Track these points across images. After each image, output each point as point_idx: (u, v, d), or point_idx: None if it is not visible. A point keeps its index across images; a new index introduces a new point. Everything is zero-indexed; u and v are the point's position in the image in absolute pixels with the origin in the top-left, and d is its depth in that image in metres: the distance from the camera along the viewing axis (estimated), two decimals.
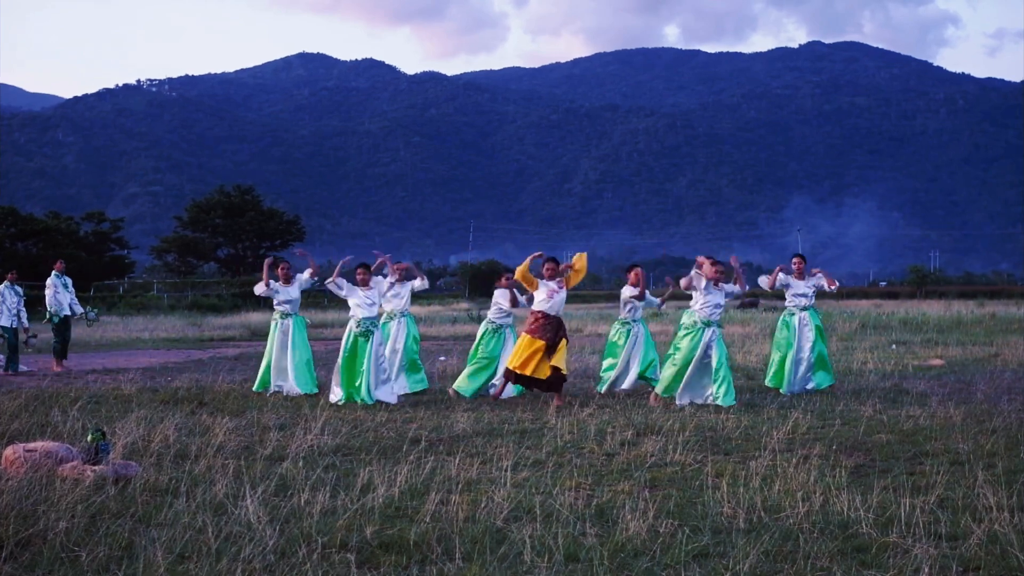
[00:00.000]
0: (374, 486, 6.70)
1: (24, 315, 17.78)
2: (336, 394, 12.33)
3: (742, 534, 5.62)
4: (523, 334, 12.26)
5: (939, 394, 12.27)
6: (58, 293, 17.78)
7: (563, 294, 12.45)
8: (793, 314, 13.43)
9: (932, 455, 8.00)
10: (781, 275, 13.49)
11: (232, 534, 5.50)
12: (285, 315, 13.72)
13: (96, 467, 6.99)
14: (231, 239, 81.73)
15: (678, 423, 9.71)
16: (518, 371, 12.11)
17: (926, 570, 4.85)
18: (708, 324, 12.14)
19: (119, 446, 8.02)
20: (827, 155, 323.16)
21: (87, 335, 27.66)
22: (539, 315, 12.28)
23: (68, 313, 17.87)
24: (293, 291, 13.83)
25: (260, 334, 27.37)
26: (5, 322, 17.30)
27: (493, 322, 13.40)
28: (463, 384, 13.00)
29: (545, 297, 12.30)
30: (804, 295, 13.46)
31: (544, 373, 12.08)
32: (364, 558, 5.24)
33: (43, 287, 18.10)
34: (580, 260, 12.64)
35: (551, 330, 12.13)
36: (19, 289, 17.93)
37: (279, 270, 13.97)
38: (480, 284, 77.17)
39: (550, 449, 8.46)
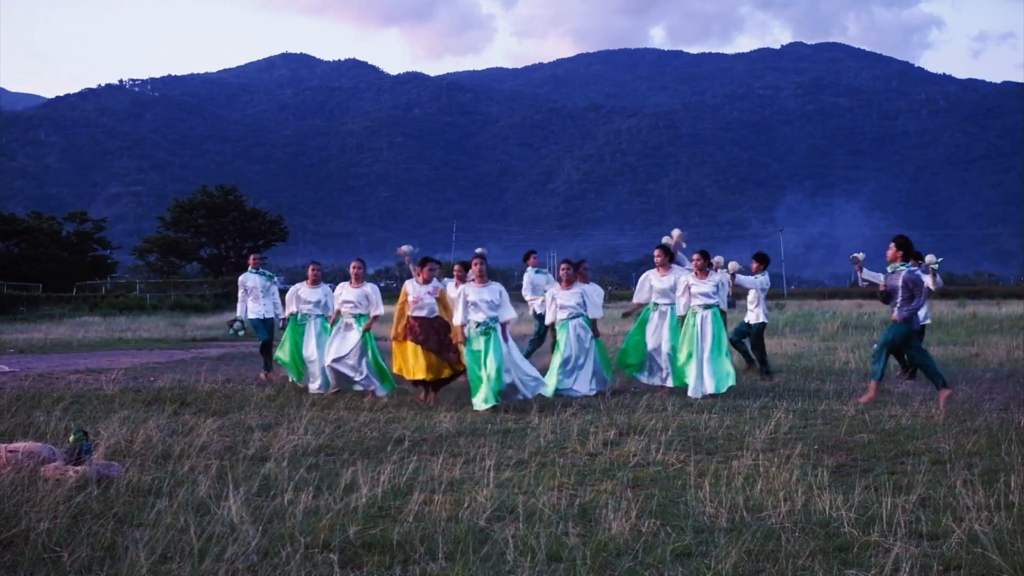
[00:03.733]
0: (357, 486, 6.70)
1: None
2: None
3: (724, 533, 5.64)
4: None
5: (921, 394, 12.32)
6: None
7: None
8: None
9: (913, 455, 8.03)
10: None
11: (215, 534, 5.49)
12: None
13: (78, 467, 6.96)
14: (214, 239, 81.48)
15: (660, 423, 9.73)
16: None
17: (907, 569, 4.87)
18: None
19: (102, 446, 7.99)
20: (809, 155, 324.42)
21: (71, 335, 27.52)
22: None
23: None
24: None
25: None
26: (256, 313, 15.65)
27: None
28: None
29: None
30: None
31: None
32: (347, 558, 5.24)
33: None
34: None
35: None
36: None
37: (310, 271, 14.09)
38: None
39: (533, 449, 8.46)
